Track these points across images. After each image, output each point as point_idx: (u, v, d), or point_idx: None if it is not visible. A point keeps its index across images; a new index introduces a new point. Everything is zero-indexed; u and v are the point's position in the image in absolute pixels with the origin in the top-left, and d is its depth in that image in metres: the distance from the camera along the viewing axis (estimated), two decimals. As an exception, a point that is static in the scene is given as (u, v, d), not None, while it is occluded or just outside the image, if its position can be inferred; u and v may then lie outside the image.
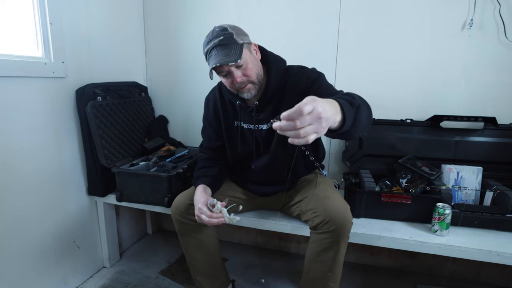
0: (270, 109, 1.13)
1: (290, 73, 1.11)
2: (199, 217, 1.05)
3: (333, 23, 1.59)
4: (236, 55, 0.97)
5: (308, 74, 1.10)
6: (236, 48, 0.98)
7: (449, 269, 1.61)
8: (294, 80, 1.10)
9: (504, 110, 1.48)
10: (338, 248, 1.05)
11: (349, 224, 1.05)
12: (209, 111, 1.26)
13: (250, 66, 1.03)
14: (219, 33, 1.00)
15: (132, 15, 1.79)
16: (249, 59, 1.02)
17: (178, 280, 1.60)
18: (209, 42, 1.01)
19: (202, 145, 1.32)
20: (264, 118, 1.15)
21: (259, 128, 1.17)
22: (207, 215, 1.03)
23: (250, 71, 1.03)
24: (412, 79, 1.56)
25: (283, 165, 1.22)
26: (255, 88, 1.07)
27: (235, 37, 0.99)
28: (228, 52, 0.97)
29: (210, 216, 1.03)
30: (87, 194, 1.55)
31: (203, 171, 1.25)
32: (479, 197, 1.41)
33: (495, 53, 1.44)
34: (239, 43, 0.99)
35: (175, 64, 1.88)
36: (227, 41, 0.99)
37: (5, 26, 1.20)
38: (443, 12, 1.46)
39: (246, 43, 1.02)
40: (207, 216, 1.03)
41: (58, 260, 1.42)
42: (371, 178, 1.40)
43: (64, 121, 1.40)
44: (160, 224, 2.15)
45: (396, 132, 1.55)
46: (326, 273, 1.09)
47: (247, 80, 1.03)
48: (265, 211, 1.38)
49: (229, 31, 1.00)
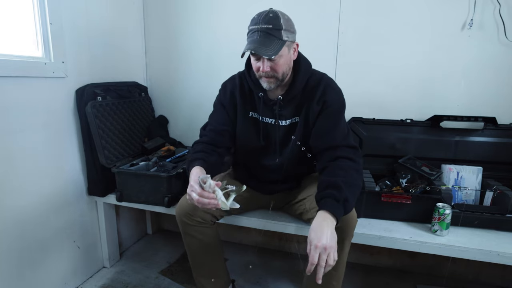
0: (292, 106, 1.15)
1: (311, 81, 1.14)
2: (189, 195, 0.97)
3: (333, 23, 1.59)
4: (274, 51, 0.98)
5: (327, 97, 1.12)
6: (277, 44, 0.99)
7: (449, 269, 1.61)
8: (312, 91, 1.13)
9: (504, 110, 1.48)
10: (342, 246, 1.05)
11: (354, 222, 1.05)
12: (225, 96, 1.22)
13: (281, 63, 1.04)
14: (270, 20, 0.99)
15: (132, 15, 1.79)
16: (283, 57, 1.04)
17: (178, 280, 1.60)
18: (257, 23, 1.00)
19: (205, 127, 1.25)
20: (284, 114, 1.16)
21: (278, 123, 1.18)
22: (197, 192, 0.94)
23: (279, 68, 1.04)
24: (412, 79, 1.56)
25: (294, 164, 1.23)
26: (275, 83, 1.08)
27: (282, 32, 1.00)
28: (268, 43, 0.98)
29: (201, 194, 0.93)
30: (87, 194, 1.55)
31: (200, 155, 1.15)
32: (479, 197, 1.41)
33: (495, 53, 1.44)
34: (282, 40, 1.00)
35: (175, 64, 1.88)
36: (273, 32, 0.99)
37: (5, 26, 1.20)
38: (443, 12, 1.46)
39: (290, 41, 1.03)
40: (197, 194, 0.93)
41: (58, 260, 1.42)
42: (371, 178, 1.40)
43: (64, 121, 1.40)
44: (160, 224, 2.15)
45: (396, 132, 1.55)
46: (330, 272, 1.08)
47: (272, 73, 1.05)
48: (265, 211, 1.38)
49: (281, 23, 1.00)
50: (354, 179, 1.02)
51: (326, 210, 0.94)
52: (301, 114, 1.14)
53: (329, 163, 1.07)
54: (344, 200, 0.96)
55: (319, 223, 0.91)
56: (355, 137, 1.58)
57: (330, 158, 1.08)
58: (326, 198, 0.97)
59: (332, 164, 1.06)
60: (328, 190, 0.98)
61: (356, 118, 1.58)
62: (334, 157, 1.07)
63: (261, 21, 1.00)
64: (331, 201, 0.95)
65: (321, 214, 0.94)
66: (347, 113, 1.57)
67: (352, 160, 1.05)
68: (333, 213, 0.93)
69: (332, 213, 0.93)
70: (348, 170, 1.03)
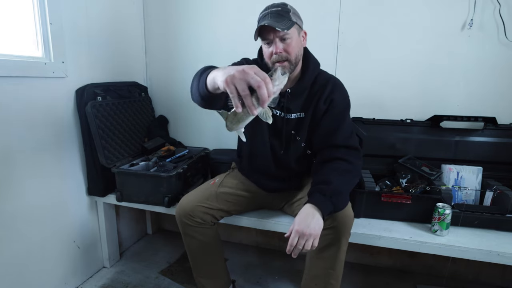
0: (299, 101, 1.16)
1: (319, 78, 1.17)
2: (251, 76, 0.70)
3: (333, 23, 1.59)
4: (287, 26, 1.01)
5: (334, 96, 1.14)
6: (288, 22, 1.02)
7: (449, 269, 1.61)
8: (320, 88, 1.15)
9: (504, 110, 1.48)
10: (339, 244, 1.05)
11: (350, 221, 1.05)
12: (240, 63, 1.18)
13: (293, 45, 1.05)
14: (279, 5, 1.06)
15: (132, 15, 1.79)
16: (295, 39, 1.06)
17: (178, 280, 1.60)
18: (266, 9, 1.06)
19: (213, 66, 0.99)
20: (291, 108, 1.17)
21: (286, 117, 1.18)
22: (268, 80, 0.71)
23: (292, 49, 1.05)
24: (412, 79, 1.56)
25: (294, 159, 1.23)
26: (289, 68, 1.08)
27: (291, 15, 1.04)
28: (280, 20, 1.01)
29: (269, 82, 0.70)
30: (87, 194, 1.55)
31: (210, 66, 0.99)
32: (479, 197, 1.41)
33: (495, 53, 1.44)
34: (292, 20, 1.03)
35: (175, 64, 1.88)
36: (283, 13, 1.03)
37: (5, 26, 1.19)
38: (443, 12, 1.46)
39: (298, 25, 1.07)
40: (266, 80, 0.70)
41: (58, 260, 1.42)
42: (371, 178, 1.40)
43: (64, 121, 1.40)
44: (160, 224, 2.15)
45: (396, 132, 1.55)
46: (328, 270, 1.09)
47: (286, 56, 1.05)
48: (265, 211, 1.38)
49: (288, 7, 1.06)
50: (346, 179, 1.06)
51: (312, 203, 0.97)
52: (308, 111, 1.16)
53: (324, 163, 1.09)
54: (331, 194, 0.99)
55: (305, 214, 0.95)
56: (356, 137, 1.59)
57: (327, 158, 1.10)
58: (313, 193, 1.00)
59: (327, 164, 1.08)
60: (316, 186, 1.02)
61: (356, 118, 1.58)
62: (331, 157, 1.09)
63: (270, 7, 1.06)
64: (318, 195, 0.99)
65: (307, 207, 0.97)
66: (348, 113, 1.60)
67: (348, 162, 1.08)
68: (319, 206, 0.96)
69: (318, 206, 0.96)
70: (342, 172, 1.05)
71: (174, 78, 1.89)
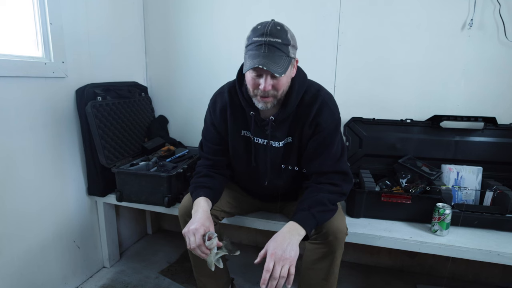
0: (284, 127, 1.08)
1: (306, 96, 1.05)
2: (188, 238, 0.96)
3: (333, 23, 1.59)
4: (283, 69, 0.90)
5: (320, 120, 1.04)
6: (285, 61, 0.91)
7: (449, 269, 1.61)
8: (306, 111, 1.05)
9: (504, 110, 1.48)
10: (333, 257, 1.05)
11: (342, 235, 1.04)
12: (215, 115, 1.14)
13: (283, 82, 0.96)
14: (279, 34, 0.90)
15: (132, 15, 1.79)
16: (286, 75, 0.96)
17: (178, 280, 1.60)
18: (264, 34, 0.90)
19: (202, 147, 1.22)
20: (277, 136, 1.09)
21: (270, 144, 1.11)
22: (197, 243, 0.95)
23: (281, 86, 0.96)
24: (412, 79, 1.56)
25: (287, 183, 1.20)
26: (272, 103, 0.99)
27: (289, 49, 0.93)
28: (278, 60, 0.90)
29: (200, 246, 0.95)
30: (87, 194, 1.55)
31: (204, 180, 1.13)
32: (479, 197, 1.41)
33: (495, 53, 1.44)
34: (290, 57, 0.93)
35: (175, 64, 1.88)
36: (282, 48, 0.90)
37: (5, 26, 1.20)
38: (443, 12, 1.46)
39: (293, 58, 0.96)
40: (196, 244, 0.95)
41: (58, 260, 1.42)
42: (371, 178, 1.40)
43: (64, 121, 1.40)
44: (160, 224, 2.15)
45: (396, 132, 1.55)
46: (321, 281, 1.09)
47: (273, 92, 0.96)
48: (265, 211, 1.38)
49: (288, 38, 0.92)
50: (327, 195, 1.02)
51: (294, 220, 0.95)
52: (294, 134, 1.08)
53: (312, 185, 1.07)
54: (309, 206, 0.97)
55: (283, 234, 0.92)
56: (355, 137, 1.59)
57: (315, 181, 1.07)
58: (298, 211, 0.99)
59: (314, 185, 1.06)
60: (301, 205, 1.00)
61: (356, 118, 1.58)
62: (318, 181, 1.06)
63: (268, 33, 0.89)
64: (301, 212, 0.97)
65: (289, 224, 0.95)
66: (348, 113, 1.60)
67: (334, 185, 1.04)
68: (302, 224, 0.94)
69: (300, 223, 0.94)
70: (324, 190, 1.03)
71: (174, 78, 1.90)
